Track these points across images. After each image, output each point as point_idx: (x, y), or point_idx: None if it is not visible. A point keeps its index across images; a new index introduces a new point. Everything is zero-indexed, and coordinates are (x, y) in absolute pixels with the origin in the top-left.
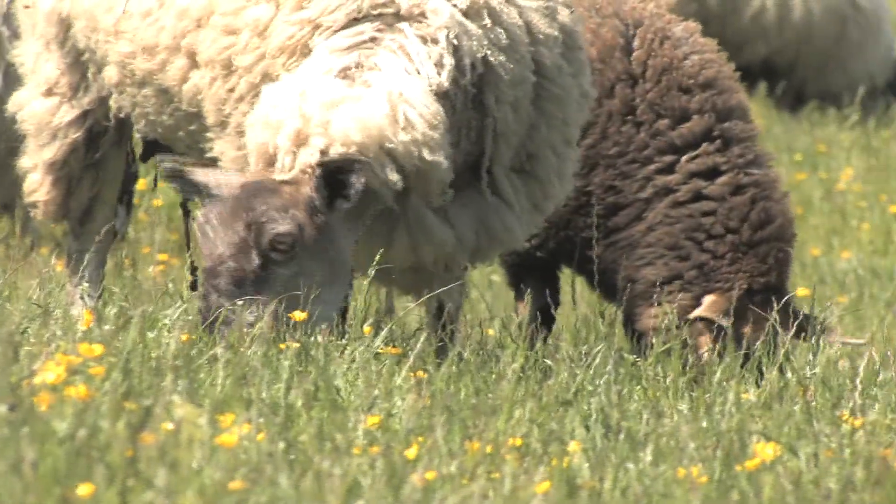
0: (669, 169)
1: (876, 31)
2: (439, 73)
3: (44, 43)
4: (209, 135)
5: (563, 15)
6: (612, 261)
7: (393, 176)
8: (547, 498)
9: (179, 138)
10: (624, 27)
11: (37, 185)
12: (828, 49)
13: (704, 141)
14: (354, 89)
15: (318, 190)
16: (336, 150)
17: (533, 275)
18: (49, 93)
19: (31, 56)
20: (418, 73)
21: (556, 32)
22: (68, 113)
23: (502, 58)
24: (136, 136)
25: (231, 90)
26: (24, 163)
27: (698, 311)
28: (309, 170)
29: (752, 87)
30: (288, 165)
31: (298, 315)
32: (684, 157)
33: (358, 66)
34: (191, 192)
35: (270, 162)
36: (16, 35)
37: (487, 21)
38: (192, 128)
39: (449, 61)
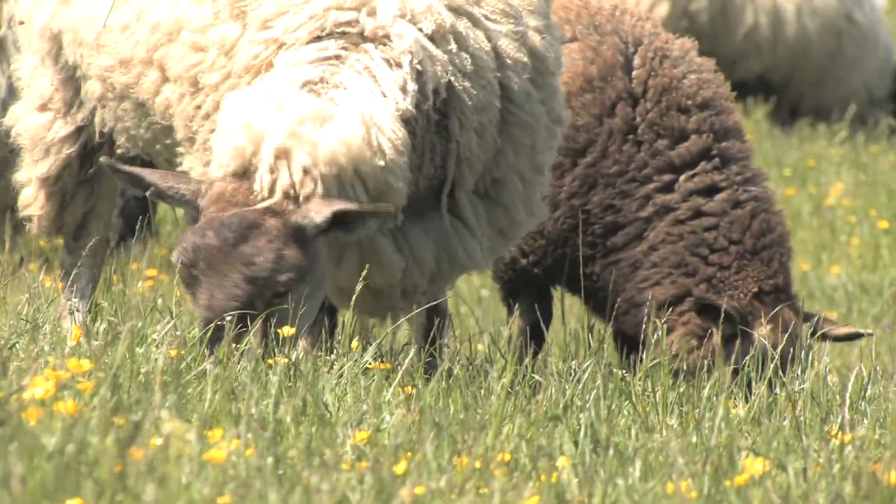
0: (668, 188)
1: (872, 43)
2: (404, 98)
3: (38, 58)
4: (180, 149)
5: (534, 40)
6: (611, 282)
7: (362, 199)
8: None
9: (158, 152)
10: (624, 45)
11: (31, 200)
12: (823, 64)
13: (702, 160)
14: (330, 107)
15: (317, 227)
16: (319, 171)
17: (527, 291)
18: (43, 108)
19: (28, 70)
20: (384, 95)
21: (525, 58)
22: (62, 128)
23: (466, 83)
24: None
25: (198, 107)
26: (19, 177)
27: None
28: (291, 192)
29: (745, 102)
30: (267, 186)
31: (287, 331)
32: (682, 177)
33: (322, 81)
34: (138, 188)
35: (244, 167)
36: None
37: (453, 46)
38: (168, 141)
39: (412, 87)
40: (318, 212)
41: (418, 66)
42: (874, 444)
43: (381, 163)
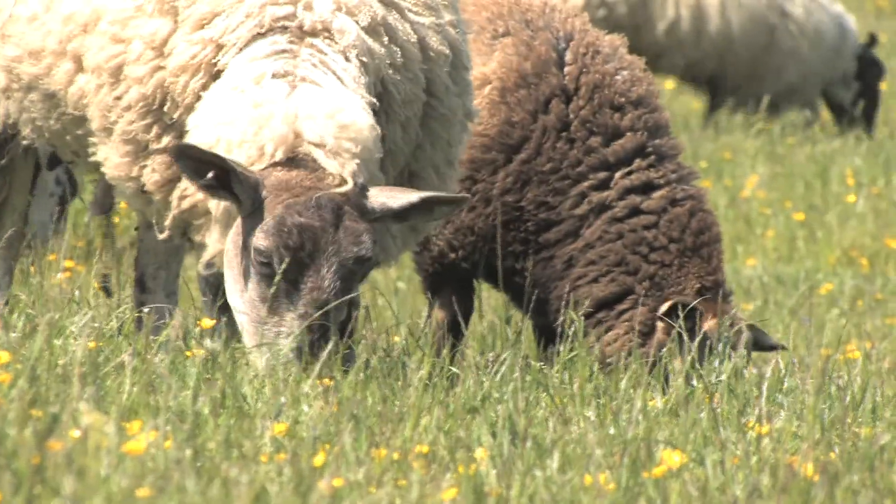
0: (604, 185)
1: (813, 33)
2: (362, 91)
3: None
4: (93, 139)
5: (452, 34)
6: (544, 278)
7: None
8: None
9: (66, 143)
10: (556, 41)
11: None
12: (756, 58)
13: (637, 157)
14: (343, 96)
15: (386, 212)
16: (361, 157)
17: (450, 284)
18: None
19: None
20: (354, 92)
21: (447, 51)
22: None
23: (397, 77)
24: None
25: (118, 98)
26: None
27: (662, 309)
28: (351, 179)
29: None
30: (335, 169)
31: (206, 322)
32: (618, 174)
33: (287, 74)
34: (197, 175)
35: (288, 155)
36: None
37: (385, 38)
38: (79, 132)
39: (363, 80)
40: (392, 197)
41: (363, 59)
42: (791, 436)
43: (378, 154)
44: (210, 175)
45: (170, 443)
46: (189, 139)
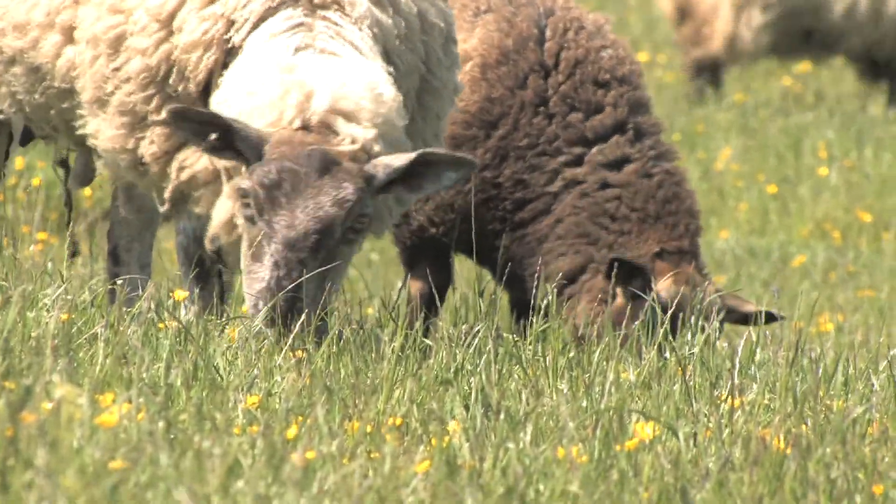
0: (578, 161)
1: None
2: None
3: None
4: (82, 112)
5: (443, 6)
6: (520, 255)
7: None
8: (427, 477)
9: (48, 118)
10: (538, 17)
11: None
12: None
13: (615, 133)
14: (371, 69)
15: (391, 174)
16: (382, 129)
17: (427, 256)
18: None
19: None
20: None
21: (442, 24)
22: None
23: (402, 48)
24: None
25: (117, 69)
26: None
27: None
28: (361, 143)
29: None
30: (348, 134)
31: (179, 294)
32: (594, 149)
33: (307, 46)
34: (198, 136)
35: (305, 122)
36: None
37: (390, 10)
38: (64, 105)
39: (377, 50)
40: (394, 159)
41: (374, 30)
42: (763, 408)
43: (402, 123)
44: (213, 136)
45: (142, 415)
46: None
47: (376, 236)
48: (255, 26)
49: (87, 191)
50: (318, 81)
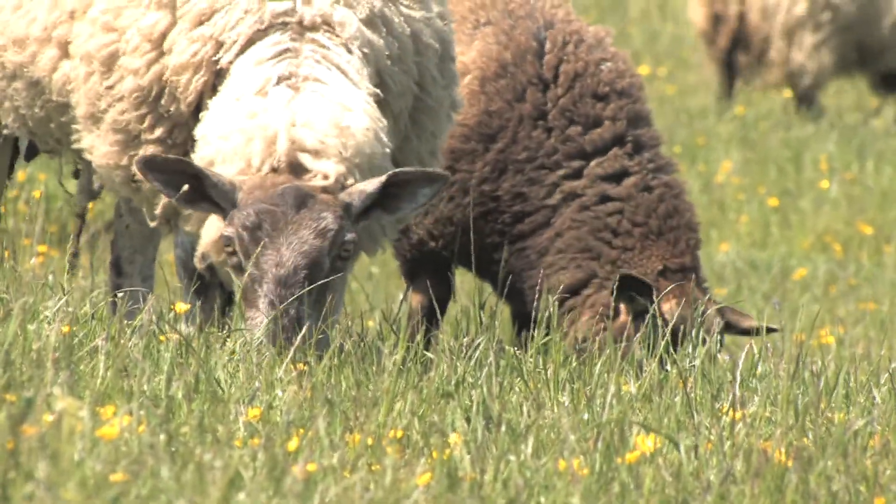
0: (577, 174)
1: None
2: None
3: None
4: (77, 126)
5: (440, 26)
6: (519, 268)
7: None
8: (428, 490)
9: (49, 131)
10: (537, 30)
11: None
12: None
13: (614, 146)
14: (344, 100)
15: (365, 199)
16: (354, 162)
17: (428, 269)
18: None
19: None
20: (355, 84)
21: (437, 44)
22: None
23: (394, 69)
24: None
25: (110, 87)
26: None
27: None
28: (334, 178)
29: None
30: (322, 173)
31: (180, 307)
32: (593, 163)
33: (292, 76)
34: (170, 188)
35: (273, 166)
36: None
37: (383, 31)
38: (63, 119)
39: (365, 72)
40: (367, 184)
41: (364, 50)
42: (765, 421)
43: (386, 150)
44: (185, 187)
45: (143, 427)
46: (196, 153)
47: (370, 256)
48: (244, 49)
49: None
50: (281, 123)
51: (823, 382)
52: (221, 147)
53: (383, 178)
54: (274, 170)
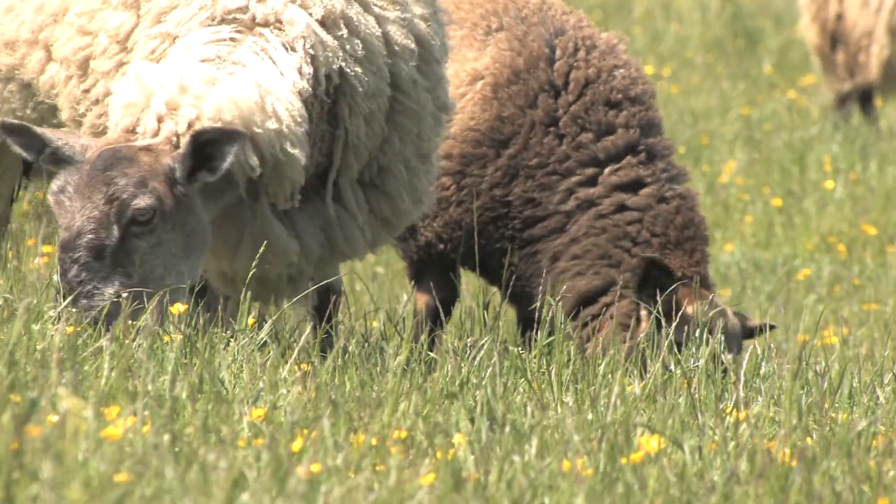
0: (592, 182)
1: None
2: (300, 79)
3: None
4: (65, 129)
5: (420, 27)
6: (528, 273)
7: (253, 160)
8: (432, 490)
9: None
10: (549, 36)
11: None
12: None
13: (628, 154)
14: (223, 73)
15: (183, 160)
16: (202, 124)
17: (434, 271)
18: None
19: None
20: (282, 74)
21: (413, 45)
22: None
23: (358, 69)
24: None
25: (87, 91)
26: None
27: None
28: (174, 139)
29: None
30: (151, 130)
31: (179, 308)
32: (607, 170)
33: (218, 58)
34: (31, 151)
35: (133, 126)
36: None
37: (344, 31)
38: (55, 121)
39: (308, 70)
40: (183, 146)
41: (311, 51)
42: (769, 421)
43: (276, 126)
44: (48, 150)
45: (148, 428)
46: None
47: (353, 258)
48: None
49: None
50: (163, 80)
51: (827, 383)
52: (112, 104)
53: (188, 137)
54: (131, 130)
